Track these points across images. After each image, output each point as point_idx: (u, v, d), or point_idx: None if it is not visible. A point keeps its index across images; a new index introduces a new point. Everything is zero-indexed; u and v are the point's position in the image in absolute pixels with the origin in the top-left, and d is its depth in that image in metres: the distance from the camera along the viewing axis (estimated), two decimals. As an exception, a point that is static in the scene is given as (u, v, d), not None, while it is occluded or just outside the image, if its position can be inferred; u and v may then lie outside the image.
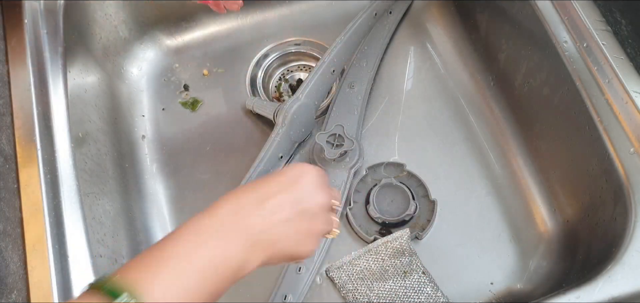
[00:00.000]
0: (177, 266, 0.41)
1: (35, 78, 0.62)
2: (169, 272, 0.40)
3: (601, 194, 0.62)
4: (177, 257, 0.41)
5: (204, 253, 0.42)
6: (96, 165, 0.68)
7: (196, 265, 0.41)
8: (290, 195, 0.47)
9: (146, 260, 0.41)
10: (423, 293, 0.67)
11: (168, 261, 0.41)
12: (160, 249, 0.42)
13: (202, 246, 0.42)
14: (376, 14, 0.85)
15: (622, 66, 0.63)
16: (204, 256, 0.42)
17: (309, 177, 0.48)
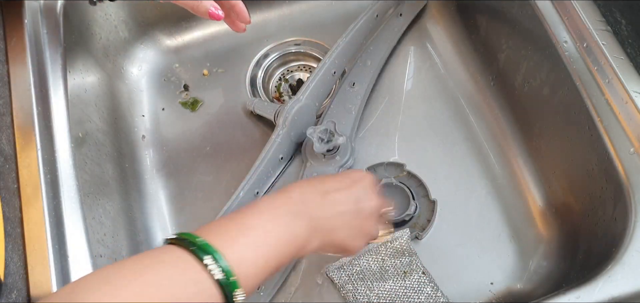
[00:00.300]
0: (255, 236, 0.45)
1: (35, 78, 0.62)
2: (247, 241, 0.44)
3: (601, 194, 0.62)
4: (254, 229, 0.45)
5: (277, 229, 0.47)
6: (96, 165, 0.68)
7: (270, 239, 0.46)
8: (350, 193, 0.53)
9: (226, 227, 0.45)
10: (423, 293, 0.67)
11: (247, 231, 0.45)
12: (239, 219, 0.46)
13: (276, 223, 0.47)
14: (377, 15, 0.85)
15: (622, 66, 0.63)
16: (277, 232, 0.47)
17: (366, 181, 0.55)
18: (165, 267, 0.40)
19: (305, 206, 0.50)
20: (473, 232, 0.72)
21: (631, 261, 0.54)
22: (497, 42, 0.79)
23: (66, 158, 0.59)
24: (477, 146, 0.79)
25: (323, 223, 0.50)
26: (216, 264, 0.41)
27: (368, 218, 0.54)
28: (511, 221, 0.73)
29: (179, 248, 0.42)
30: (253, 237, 0.45)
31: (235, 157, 0.79)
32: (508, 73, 0.78)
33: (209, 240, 0.42)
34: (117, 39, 0.83)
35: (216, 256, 0.41)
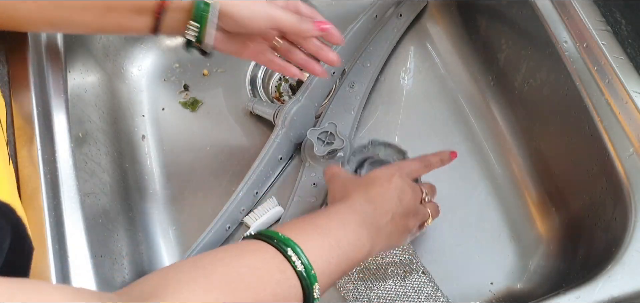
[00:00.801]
0: (329, 238, 0.48)
1: (35, 78, 0.62)
2: (323, 241, 0.48)
3: (601, 194, 0.62)
4: (327, 235, 0.49)
5: (348, 236, 0.50)
6: (96, 165, 0.68)
7: (343, 243, 0.49)
8: (391, 192, 0.57)
9: (302, 226, 0.49)
10: (423, 293, 0.67)
11: (322, 232, 0.48)
12: (314, 221, 0.50)
13: (346, 230, 0.51)
14: (376, 16, 0.85)
15: (622, 66, 0.63)
16: (348, 238, 0.50)
17: (399, 174, 0.59)
18: (252, 255, 0.44)
19: (366, 216, 0.53)
20: (473, 232, 0.72)
21: (631, 261, 0.54)
22: (497, 42, 0.79)
23: (66, 158, 0.59)
24: (477, 146, 0.79)
25: (382, 230, 0.54)
26: (297, 257, 0.44)
27: (409, 214, 0.59)
28: (511, 221, 0.73)
29: (262, 242, 0.45)
30: (328, 238, 0.48)
31: (235, 157, 0.79)
32: (508, 73, 0.78)
33: (289, 236, 0.45)
34: (117, 38, 0.83)
35: (297, 249, 0.44)
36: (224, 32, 0.60)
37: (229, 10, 0.57)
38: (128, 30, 0.58)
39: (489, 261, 0.70)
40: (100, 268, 0.56)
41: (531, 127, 0.75)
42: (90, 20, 0.56)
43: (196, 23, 0.57)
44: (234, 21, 0.58)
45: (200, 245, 0.69)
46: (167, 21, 0.57)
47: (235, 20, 0.58)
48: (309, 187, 0.73)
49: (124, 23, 0.57)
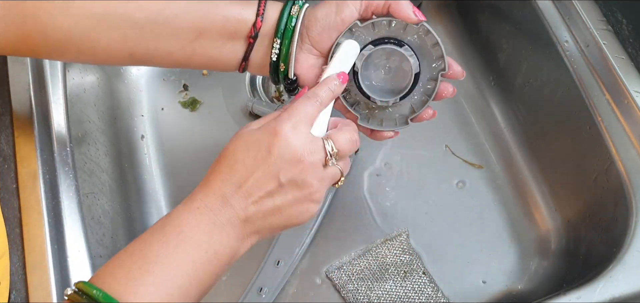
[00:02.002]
0: (163, 272, 0.38)
1: (35, 78, 0.62)
2: (154, 280, 0.38)
3: (602, 194, 0.62)
4: (161, 263, 0.39)
5: (189, 255, 0.40)
6: (95, 165, 0.68)
7: (182, 268, 0.39)
8: (268, 169, 0.43)
9: (127, 267, 0.39)
10: (423, 293, 0.67)
11: (152, 268, 0.38)
12: (141, 253, 0.39)
13: (186, 247, 0.40)
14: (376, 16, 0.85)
15: (623, 66, 0.62)
16: (189, 257, 0.40)
17: (283, 144, 0.43)
18: None
19: (221, 215, 0.42)
20: (473, 232, 0.72)
21: (632, 262, 0.54)
22: (497, 42, 0.79)
23: (65, 158, 0.59)
24: (477, 146, 0.78)
25: (250, 222, 0.43)
26: None
27: (302, 184, 0.44)
28: (512, 221, 0.73)
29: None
30: (160, 273, 0.38)
31: (235, 157, 0.79)
32: (508, 73, 0.78)
33: (109, 287, 0.37)
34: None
35: None
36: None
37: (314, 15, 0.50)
38: (215, 62, 0.51)
39: (489, 262, 0.70)
40: (100, 268, 0.56)
41: (532, 127, 0.75)
42: (177, 49, 0.50)
43: (279, 39, 0.49)
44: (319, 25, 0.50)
45: (200, 245, 0.69)
46: (258, 49, 0.51)
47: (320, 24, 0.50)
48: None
49: (213, 52, 0.50)
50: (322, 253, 0.71)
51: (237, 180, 0.43)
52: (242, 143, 0.45)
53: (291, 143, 0.43)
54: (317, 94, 0.47)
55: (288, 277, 0.69)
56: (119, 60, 0.50)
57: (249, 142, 0.44)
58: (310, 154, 0.44)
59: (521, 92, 0.76)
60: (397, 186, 0.75)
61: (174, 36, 0.49)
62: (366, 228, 0.73)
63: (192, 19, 0.49)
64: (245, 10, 0.50)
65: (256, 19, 0.50)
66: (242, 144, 0.45)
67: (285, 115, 0.44)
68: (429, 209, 0.74)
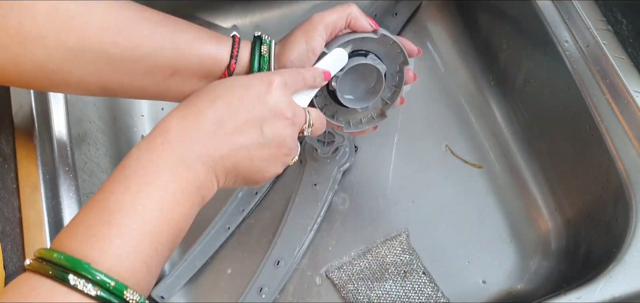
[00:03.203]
0: (128, 221, 0.36)
1: (34, 78, 0.62)
2: (119, 231, 0.35)
3: (602, 194, 0.62)
4: (124, 211, 0.36)
5: (154, 198, 0.37)
6: (95, 165, 0.68)
7: (149, 214, 0.37)
8: (253, 116, 0.42)
9: (88, 222, 0.36)
10: (423, 293, 0.67)
11: (115, 218, 0.35)
12: (102, 205, 0.36)
13: (152, 190, 0.37)
14: (376, 15, 0.85)
15: (623, 66, 0.62)
16: (156, 201, 0.37)
17: (275, 95, 0.43)
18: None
19: (190, 148, 0.40)
20: (473, 232, 0.72)
21: (632, 262, 0.54)
22: (497, 42, 0.79)
23: (65, 158, 0.59)
24: (477, 146, 0.78)
25: (221, 162, 0.41)
26: (86, 279, 0.33)
27: (280, 145, 0.44)
28: (511, 221, 0.73)
29: (36, 276, 0.33)
30: (125, 223, 0.35)
31: (234, 157, 0.79)
32: (509, 73, 0.78)
33: (71, 249, 0.34)
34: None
35: (85, 269, 0.33)
36: None
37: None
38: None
39: (489, 262, 0.70)
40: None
41: (532, 127, 0.75)
42: (150, 85, 0.49)
43: None
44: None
45: (200, 245, 0.69)
46: None
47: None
48: (310, 188, 0.73)
49: (187, 90, 0.50)
50: (322, 253, 0.71)
51: (216, 117, 0.41)
52: (229, 83, 0.44)
53: (282, 98, 0.44)
54: (302, 72, 0.49)
55: (288, 277, 0.69)
56: (92, 92, 0.49)
57: (237, 84, 0.43)
58: (294, 115, 0.45)
59: (521, 92, 0.76)
60: (397, 186, 0.75)
61: (148, 74, 0.48)
62: (366, 228, 0.73)
63: (167, 57, 0.48)
64: (219, 49, 0.50)
65: (230, 61, 0.50)
66: (228, 84, 0.43)
67: (277, 75, 0.45)
68: (429, 209, 0.74)
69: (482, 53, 0.83)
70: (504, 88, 0.80)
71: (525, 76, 0.74)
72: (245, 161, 0.42)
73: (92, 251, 0.34)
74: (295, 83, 0.47)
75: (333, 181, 0.73)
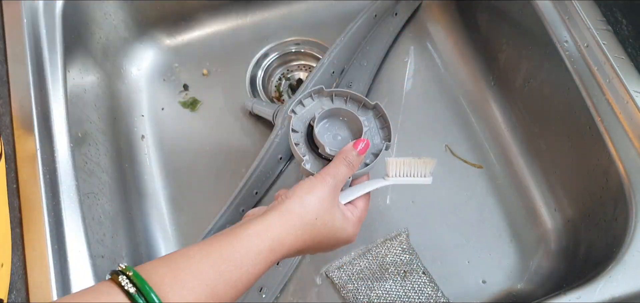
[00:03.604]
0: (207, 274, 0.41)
1: (35, 78, 0.62)
2: (197, 283, 0.41)
3: (602, 194, 0.62)
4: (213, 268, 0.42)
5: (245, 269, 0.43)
6: (95, 165, 0.68)
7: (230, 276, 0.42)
8: (328, 247, 0.52)
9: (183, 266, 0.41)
10: (423, 293, 0.67)
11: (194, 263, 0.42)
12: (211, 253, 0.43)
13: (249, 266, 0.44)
14: (376, 15, 0.85)
15: (622, 66, 0.62)
16: (241, 273, 0.43)
17: (348, 242, 0.53)
18: None
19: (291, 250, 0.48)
20: (473, 232, 0.72)
21: (632, 261, 0.54)
22: (497, 42, 0.79)
23: (65, 158, 0.59)
24: (477, 146, 0.78)
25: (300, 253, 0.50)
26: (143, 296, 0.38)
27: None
28: (511, 221, 0.73)
29: (116, 287, 0.38)
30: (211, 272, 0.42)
31: (234, 157, 0.79)
32: (508, 73, 0.78)
33: (156, 279, 0.39)
34: (116, 38, 0.83)
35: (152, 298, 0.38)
36: None
37: None
38: None
39: (489, 262, 0.70)
40: (100, 268, 0.56)
41: (532, 127, 0.75)
42: None
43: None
44: None
45: (200, 245, 0.69)
46: None
47: None
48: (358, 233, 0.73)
49: None
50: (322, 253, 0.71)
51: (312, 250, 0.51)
52: (319, 236, 0.50)
53: (356, 232, 0.55)
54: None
55: (288, 277, 0.69)
56: None
57: (326, 240, 0.51)
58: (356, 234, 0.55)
59: (521, 92, 0.76)
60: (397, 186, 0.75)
61: None
62: (366, 228, 0.73)
63: None
64: None
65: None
66: (319, 238, 0.50)
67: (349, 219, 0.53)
68: (429, 209, 0.74)
69: (482, 53, 0.83)
70: (504, 88, 0.80)
71: (525, 76, 0.74)
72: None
73: (168, 287, 0.39)
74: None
75: None
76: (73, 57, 0.72)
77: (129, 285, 0.38)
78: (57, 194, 0.56)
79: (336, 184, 0.51)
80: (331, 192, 0.50)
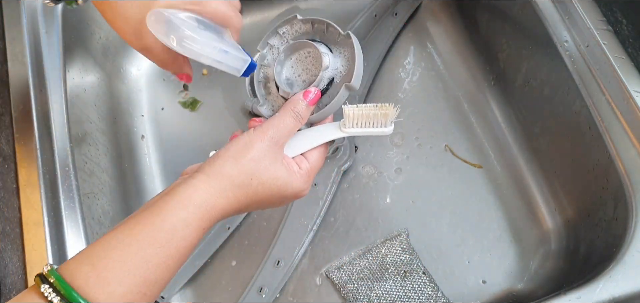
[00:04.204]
0: (134, 263, 0.38)
1: (34, 78, 0.62)
2: (125, 272, 0.38)
3: (602, 194, 0.62)
4: (134, 256, 0.38)
5: (175, 242, 0.40)
6: (95, 165, 0.68)
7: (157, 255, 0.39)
8: (274, 204, 0.48)
9: (106, 256, 0.38)
10: (423, 293, 0.67)
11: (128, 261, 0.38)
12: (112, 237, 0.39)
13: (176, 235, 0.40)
14: (376, 15, 0.85)
15: (622, 66, 0.62)
16: (176, 245, 0.40)
17: (298, 197, 0.49)
18: None
19: (222, 209, 0.43)
20: (473, 232, 0.72)
21: (632, 261, 0.54)
22: (497, 42, 0.79)
23: (65, 158, 0.59)
24: (477, 146, 0.78)
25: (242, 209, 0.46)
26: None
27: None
28: (512, 221, 0.73)
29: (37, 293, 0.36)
30: (134, 260, 0.38)
31: (235, 157, 0.79)
32: (509, 73, 0.78)
33: (79, 279, 0.36)
34: (116, 38, 0.83)
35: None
36: None
37: None
38: None
39: (489, 262, 0.70)
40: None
41: (532, 127, 0.75)
42: None
43: None
44: None
45: (200, 245, 0.69)
46: None
47: None
48: (310, 188, 0.73)
49: None
50: (322, 253, 0.71)
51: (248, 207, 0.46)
52: (252, 187, 0.46)
53: (306, 187, 0.49)
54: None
55: (288, 277, 0.69)
56: None
57: (261, 190, 0.46)
58: (306, 189, 0.49)
59: (521, 92, 0.76)
60: (397, 186, 0.75)
61: None
62: (366, 228, 0.73)
63: None
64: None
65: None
66: (252, 189, 0.46)
67: (292, 172, 0.48)
68: (428, 209, 0.74)
69: (482, 53, 0.83)
70: (504, 88, 0.80)
71: (525, 76, 0.74)
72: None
73: (95, 287, 0.36)
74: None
75: (333, 181, 0.73)
76: (73, 57, 0.72)
77: (52, 295, 0.36)
78: (57, 194, 0.56)
79: (278, 138, 0.46)
80: (271, 147, 0.46)
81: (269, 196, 0.46)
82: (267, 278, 0.68)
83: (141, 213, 0.40)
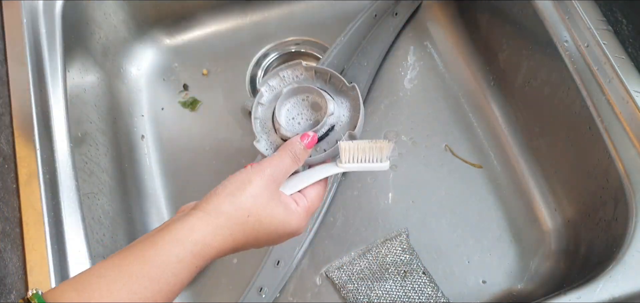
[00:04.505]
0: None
1: (34, 78, 0.62)
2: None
3: (602, 194, 0.62)
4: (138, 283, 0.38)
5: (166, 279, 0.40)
6: (95, 165, 0.68)
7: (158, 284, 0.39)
8: (270, 242, 0.47)
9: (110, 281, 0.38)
10: (423, 293, 0.67)
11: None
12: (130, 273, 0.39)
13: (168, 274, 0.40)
14: (376, 15, 0.85)
15: (623, 66, 0.62)
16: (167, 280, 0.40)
17: (295, 235, 0.48)
18: None
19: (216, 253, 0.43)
20: (473, 232, 0.72)
21: (632, 261, 0.54)
22: (497, 42, 0.79)
23: (65, 158, 0.59)
24: (477, 146, 0.78)
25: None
26: None
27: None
28: (512, 221, 0.73)
29: None
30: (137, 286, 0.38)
31: (234, 156, 0.79)
32: (509, 73, 0.78)
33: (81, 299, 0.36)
34: (116, 38, 0.83)
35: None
36: None
37: None
38: None
39: (489, 262, 0.70)
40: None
41: (532, 127, 0.75)
42: None
43: None
44: None
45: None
46: None
47: None
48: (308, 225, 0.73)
49: None
50: (322, 253, 0.71)
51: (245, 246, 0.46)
52: (250, 226, 0.46)
53: (302, 225, 0.49)
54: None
55: (288, 277, 0.69)
56: None
57: (259, 228, 0.46)
58: (301, 228, 0.49)
59: (521, 92, 0.76)
60: (397, 186, 0.75)
61: None
62: (366, 228, 0.73)
63: None
64: None
65: None
66: (249, 227, 0.45)
67: (292, 213, 0.48)
68: (428, 209, 0.74)
69: (482, 53, 0.83)
70: (504, 88, 0.80)
71: (525, 76, 0.74)
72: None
73: None
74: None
75: (333, 181, 0.73)
76: (73, 57, 0.72)
77: None
78: (57, 194, 0.56)
79: (276, 177, 0.46)
80: (269, 186, 0.46)
81: (266, 234, 0.46)
82: (267, 278, 0.68)
83: (135, 246, 0.40)
